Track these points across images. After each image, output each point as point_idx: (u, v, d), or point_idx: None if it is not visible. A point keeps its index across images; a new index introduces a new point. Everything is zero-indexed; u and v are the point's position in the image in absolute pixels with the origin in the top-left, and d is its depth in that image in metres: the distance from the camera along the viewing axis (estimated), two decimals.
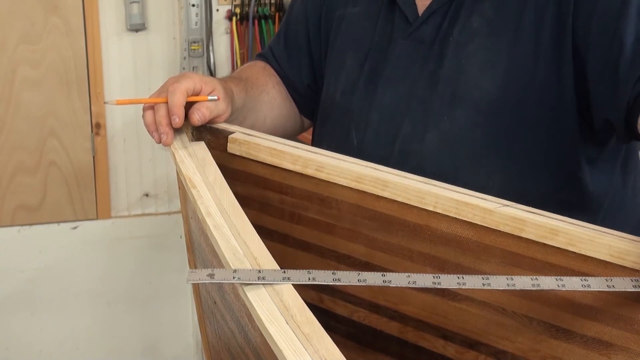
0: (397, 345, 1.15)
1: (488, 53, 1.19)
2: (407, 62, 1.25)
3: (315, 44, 1.42)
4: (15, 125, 2.35)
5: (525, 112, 1.18)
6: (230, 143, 1.22)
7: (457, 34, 1.21)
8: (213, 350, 1.24)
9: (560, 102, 1.17)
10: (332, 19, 1.37)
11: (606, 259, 0.94)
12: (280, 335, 0.77)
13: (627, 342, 0.94)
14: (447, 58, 1.21)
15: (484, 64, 1.19)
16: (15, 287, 2.46)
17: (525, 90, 1.17)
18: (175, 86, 1.17)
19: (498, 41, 1.19)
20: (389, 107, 1.26)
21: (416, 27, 1.25)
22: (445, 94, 1.21)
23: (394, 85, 1.26)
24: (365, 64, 1.30)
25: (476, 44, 1.20)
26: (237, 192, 1.06)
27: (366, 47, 1.30)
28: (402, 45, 1.26)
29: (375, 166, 1.13)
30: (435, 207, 1.06)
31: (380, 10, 1.31)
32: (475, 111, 1.19)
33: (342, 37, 1.35)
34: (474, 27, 1.20)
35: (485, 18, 1.20)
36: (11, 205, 2.41)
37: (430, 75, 1.23)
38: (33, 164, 2.39)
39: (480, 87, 1.19)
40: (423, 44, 1.24)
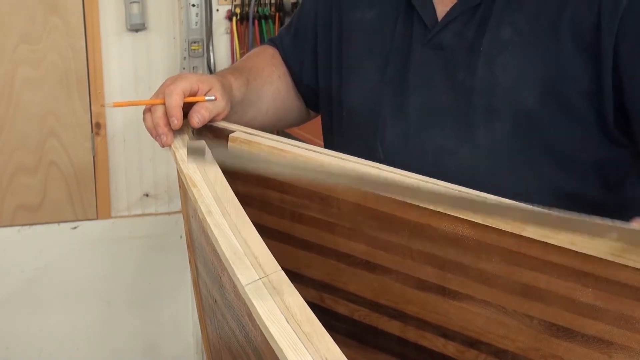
0: (398, 344, 1.15)
1: (522, 64, 1.17)
2: (429, 70, 1.23)
3: (323, 44, 1.40)
4: (15, 125, 2.35)
5: (563, 121, 1.16)
6: (230, 142, 1.22)
7: (487, 44, 1.19)
8: (214, 349, 1.24)
9: (599, 113, 1.15)
10: (346, 22, 1.35)
11: (607, 257, 0.94)
12: (281, 334, 0.77)
13: (628, 341, 0.94)
14: (478, 69, 1.19)
15: (520, 75, 1.17)
16: (15, 287, 2.45)
17: (562, 101, 1.15)
18: (172, 87, 1.17)
19: (533, 52, 1.17)
20: (415, 117, 1.23)
21: (435, 33, 1.23)
22: (480, 105, 1.18)
23: (420, 93, 1.23)
24: (387, 70, 1.27)
25: (509, 55, 1.18)
26: (238, 191, 1.06)
27: (385, 52, 1.28)
28: (422, 52, 1.24)
29: (375, 165, 1.13)
30: (436, 206, 1.06)
31: (398, 15, 1.28)
32: (513, 122, 1.17)
33: (358, 41, 1.33)
34: (504, 38, 1.18)
35: (517, 29, 1.18)
36: (11, 205, 2.41)
37: (459, 86, 1.20)
38: (33, 164, 2.39)
39: (517, 99, 1.16)
40: (443, 51, 1.22)
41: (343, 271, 1.17)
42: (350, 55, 1.34)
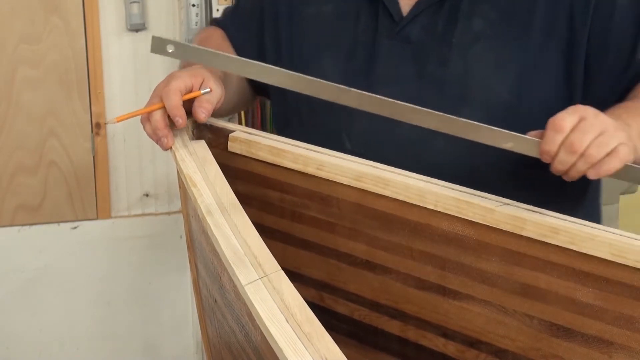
0: (398, 344, 1.14)
1: (496, 55, 1.20)
2: (398, 62, 1.24)
3: (271, 37, 1.37)
4: (15, 125, 2.34)
5: (537, 111, 1.18)
6: (230, 142, 1.22)
7: (459, 36, 1.21)
8: (214, 349, 1.24)
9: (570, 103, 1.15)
10: (297, 16, 1.34)
11: (607, 257, 0.94)
12: (281, 334, 0.77)
13: (628, 341, 0.94)
14: (451, 60, 1.21)
15: (493, 65, 1.20)
16: (15, 287, 2.45)
17: (536, 90, 1.18)
18: (168, 89, 1.16)
19: (505, 44, 1.20)
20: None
21: (402, 26, 1.25)
22: (453, 95, 1.20)
23: (388, 86, 1.24)
24: (350, 64, 1.28)
25: (481, 47, 1.20)
26: (238, 190, 1.06)
27: (347, 46, 1.29)
28: (390, 45, 1.25)
29: (376, 165, 1.13)
30: (436, 206, 1.06)
31: (359, 8, 1.28)
32: (487, 112, 1.18)
33: (314, 34, 1.32)
34: (475, 30, 1.21)
35: (488, 20, 1.21)
36: (11, 205, 2.40)
37: (429, 77, 1.22)
38: (33, 164, 2.38)
39: (491, 89, 1.19)
40: (410, 44, 1.24)
41: (343, 271, 1.17)
42: (306, 48, 1.33)
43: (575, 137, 1.01)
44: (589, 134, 1.00)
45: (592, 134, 1.00)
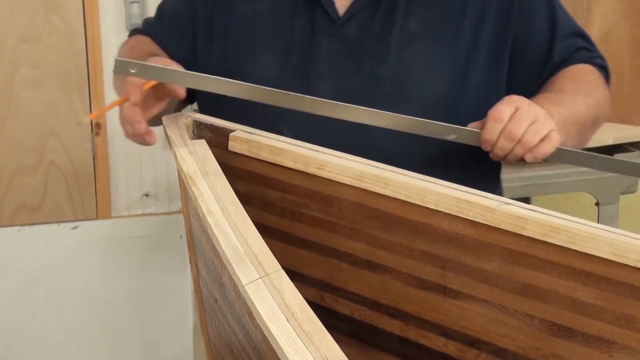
0: (399, 344, 1.14)
1: (431, 54, 1.28)
2: (336, 59, 1.29)
3: (202, 37, 1.39)
4: (15, 125, 2.34)
5: (469, 105, 1.28)
6: (231, 141, 1.22)
7: (397, 35, 1.28)
8: (214, 348, 1.24)
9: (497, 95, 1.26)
10: (232, 14, 1.36)
11: (608, 257, 0.94)
12: (281, 333, 0.77)
13: (629, 341, 0.94)
14: (389, 58, 1.28)
15: (429, 64, 1.28)
16: (15, 287, 2.45)
17: (468, 86, 1.27)
18: (129, 79, 1.17)
19: (440, 43, 1.29)
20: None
21: (340, 25, 1.29)
22: (391, 92, 1.27)
23: (327, 81, 1.29)
24: (288, 61, 1.31)
25: (418, 46, 1.28)
26: (238, 190, 1.06)
27: (286, 43, 1.31)
28: (328, 42, 1.29)
29: (377, 164, 1.13)
30: (437, 205, 1.06)
31: (295, 7, 1.32)
32: (425, 107, 1.25)
33: (250, 33, 1.34)
34: (412, 30, 1.28)
35: (423, 20, 1.29)
36: (11, 205, 2.40)
37: (367, 74, 1.28)
38: (33, 164, 2.38)
39: (428, 86, 1.28)
40: (347, 42, 1.29)
41: (343, 270, 1.17)
42: (242, 45, 1.35)
43: (512, 126, 1.13)
44: (524, 122, 1.13)
45: (527, 122, 1.13)
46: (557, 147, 1.16)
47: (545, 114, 1.15)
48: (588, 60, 1.35)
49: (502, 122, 1.14)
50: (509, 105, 1.15)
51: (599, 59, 1.37)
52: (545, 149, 1.15)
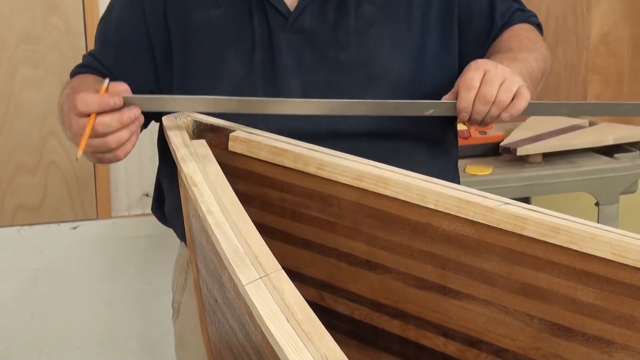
0: (398, 344, 1.14)
1: (390, 37, 1.33)
2: (298, 52, 1.31)
3: (160, 50, 1.37)
4: (15, 125, 2.34)
5: (430, 80, 1.35)
6: (231, 141, 1.22)
7: (354, 22, 1.32)
8: (214, 348, 1.24)
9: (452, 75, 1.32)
10: (188, 24, 1.35)
11: (608, 257, 0.94)
12: (281, 333, 0.77)
13: (629, 340, 0.94)
14: (350, 46, 1.32)
15: (391, 47, 1.33)
16: (15, 287, 2.45)
17: (427, 62, 1.33)
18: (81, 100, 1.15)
19: (396, 26, 1.34)
20: (298, 95, 1.30)
21: (294, 19, 1.31)
22: (358, 78, 1.31)
23: (294, 74, 1.31)
24: (254, 60, 1.31)
25: (377, 30, 1.33)
26: (238, 190, 1.06)
27: (248, 44, 1.32)
28: (286, 37, 1.31)
29: (377, 164, 1.13)
30: (437, 205, 1.06)
31: (249, 7, 1.33)
32: (393, 89, 1.31)
33: (212, 38, 1.34)
34: (368, 15, 1.33)
35: (377, 6, 1.33)
36: (11, 205, 2.40)
37: (332, 62, 1.31)
38: (33, 164, 2.38)
39: (392, 68, 1.33)
40: (305, 34, 1.32)
41: (343, 270, 1.17)
42: (205, 53, 1.34)
43: (485, 89, 1.18)
44: (495, 83, 1.18)
45: (497, 83, 1.18)
46: (529, 101, 1.21)
47: (511, 72, 1.20)
48: (525, 19, 1.43)
49: (474, 88, 1.19)
50: (477, 70, 1.20)
51: (533, 18, 1.45)
52: (519, 105, 1.19)
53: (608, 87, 2.76)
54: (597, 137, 2.31)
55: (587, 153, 2.29)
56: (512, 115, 1.21)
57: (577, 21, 2.69)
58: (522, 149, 2.19)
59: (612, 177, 2.23)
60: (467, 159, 2.24)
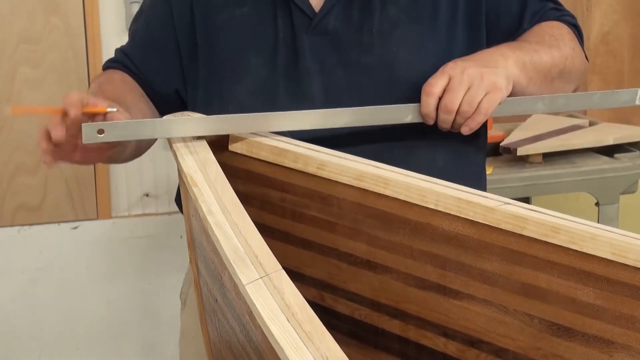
0: (399, 344, 1.15)
1: (415, 39, 1.31)
2: (321, 53, 1.30)
3: (187, 50, 1.38)
4: (15, 125, 2.34)
5: None
6: (231, 141, 1.22)
7: (378, 24, 1.30)
8: (214, 348, 1.24)
9: None
10: (212, 24, 1.35)
11: (608, 257, 0.94)
12: (282, 333, 0.77)
13: (629, 340, 0.94)
14: (374, 47, 1.30)
15: (414, 49, 1.31)
16: (16, 287, 2.45)
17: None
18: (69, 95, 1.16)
19: (421, 27, 1.32)
20: (320, 98, 1.30)
21: (318, 20, 1.31)
22: (381, 80, 1.29)
23: (316, 76, 1.30)
24: (277, 60, 1.31)
25: (401, 32, 1.31)
26: (239, 190, 1.06)
27: (271, 44, 1.32)
28: (310, 39, 1.31)
29: (377, 164, 1.13)
30: (437, 205, 1.06)
31: (274, 7, 1.33)
32: (414, 93, 1.25)
33: (235, 38, 1.34)
34: (392, 17, 1.31)
35: (401, 7, 1.31)
36: (11, 205, 2.40)
37: (357, 64, 1.30)
38: (33, 164, 2.38)
39: (416, 70, 1.28)
40: (329, 35, 1.31)
41: (344, 270, 1.17)
42: (228, 53, 1.34)
43: (447, 99, 1.17)
44: (459, 92, 1.17)
45: (462, 91, 1.17)
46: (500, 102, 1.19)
47: (482, 74, 1.17)
48: (557, 18, 1.38)
49: (433, 95, 1.18)
50: (441, 76, 1.18)
51: (568, 17, 1.40)
52: (477, 119, 1.18)
53: (608, 87, 2.76)
54: (597, 137, 2.31)
55: (587, 153, 2.29)
56: (472, 129, 1.19)
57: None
58: (523, 149, 2.19)
59: (612, 177, 2.23)
60: None
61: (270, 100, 1.30)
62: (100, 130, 1.13)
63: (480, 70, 1.18)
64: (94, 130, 1.13)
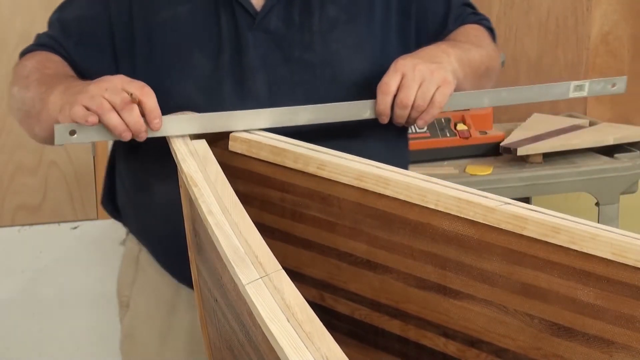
0: (399, 344, 1.15)
1: (353, 37, 1.36)
2: (264, 50, 1.33)
3: (122, 44, 1.36)
4: (16, 125, 2.33)
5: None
6: (231, 141, 1.22)
7: (318, 22, 1.34)
8: (214, 348, 1.24)
9: None
10: (155, 19, 1.35)
11: (608, 257, 0.94)
12: (282, 333, 0.77)
13: (629, 340, 0.94)
14: (315, 46, 1.34)
15: (353, 47, 1.35)
16: (16, 287, 2.45)
17: (386, 62, 1.31)
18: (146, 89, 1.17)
19: (359, 26, 1.36)
20: (264, 94, 1.31)
21: (261, 19, 1.33)
22: (324, 77, 1.33)
23: (260, 72, 1.32)
24: (221, 58, 1.32)
25: (340, 30, 1.35)
26: (239, 190, 1.06)
27: (215, 42, 1.33)
28: (254, 36, 1.33)
29: (377, 164, 1.13)
30: (437, 205, 1.06)
31: (217, 5, 1.34)
32: (355, 89, 1.33)
33: (179, 35, 1.34)
34: (332, 16, 1.35)
35: (340, 7, 1.36)
36: (11, 205, 2.40)
37: (299, 61, 1.34)
38: (33, 164, 2.38)
39: (355, 68, 1.35)
40: (271, 34, 1.33)
41: (344, 270, 1.17)
42: (170, 50, 1.34)
43: (402, 95, 1.24)
44: (412, 88, 1.23)
45: (415, 87, 1.23)
46: (450, 95, 1.26)
47: (432, 69, 1.25)
48: (476, 21, 1.48)
49: (389, 93, 1.24)
50: (394, 74, 1.25)
51: (485, 21, 1.50)
52: (432, 112, 1.25)
53: None
54: (598, 137, 2.31)
55: (587, 153, 2.29)
56: (427, 122, 1.26)
57: (577, 21, 2.69)
58: (523, 149, 2.19)
59: (613, 177, 2.23)
60: (468, 159, 2.24)
61: (215, 96, 1.31)
62: (72, 132, 1.16)
63: (429, 66, 1.25)
64: (67, 131, 1.16)
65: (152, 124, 1.17)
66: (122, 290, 1.53)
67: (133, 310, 1.49)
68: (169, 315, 1.44)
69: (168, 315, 1.44)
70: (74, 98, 1.18)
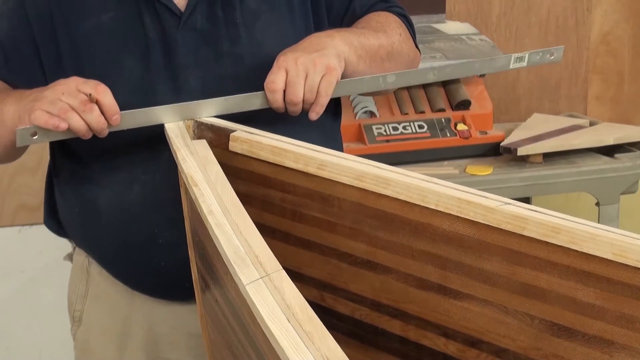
0: (399, 344, 1.15)
1: (276, 26, 1.38)
2: (194, 48, 1.34)
3: (49, 59, 1.36)
4: None
5: None
6: (231, 141, 1.22)
7: (240, 15, 1.36)
8: (214, 348, 1.24)
9: None
10: (78, 30, 1.34)
11: (608, 257, 0.94)
12: (282, 333, 0.77)
13: (629, 341, 0.94)
14: (241, 38, 1.36)
15: (277, 36, 1.38)
16: (16, 287, 2.45)
17: None
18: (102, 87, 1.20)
19: (280, 15, 1.39)
20: (199, 91, 1.32)
21: (186, 18, 1.34)
22: (253, 67, 1.35)
23: (193, 70, 1.34)
24: (150, 60, 1.33)
25: (263, 21, 1.38)
26: (239, 190, 1.06)
27: (143, 45, 1.33)
28: (182, 35, 1.34)
29: (377, 164, 1.13)
30: (437, 206, 1.06)
31: (140, 10, 1.34)
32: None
33: (105, 43, 1.34)
34: (253, 9, 1.37)
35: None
36: (12, 205, 2.40)
37: (228, 55, 1.35)
38: (33, 164, 2.38)
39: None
40: (198, 31, 1.34)
41: (344, 270, 1.17)
42: (99, 60, 1.34)
43: (291, 93, 1.24)
44: (298, 84, 1.24)
45: (301, 83, 1.24)
46: (338, 82, 1.27)
47: (313, 59, 1.25)
48: (385, 9, 1.48)
49: (277, 91, 1.24)
50: (278, 72, 1.25)
51: (397, 8, 1.50)
52: (321, 102, 1.26)
53: (609, 87, 2.76)
54: (598, 137, 2.31)
55: (587, 153, 2.29)
56: (319, 112, 1.27)
57: (577, 21, 2.69)
58: (523, 149, 2.19)
59: (613, 177, 2.23)
60: (468, 159, 2.24)
61: (149, 99, 1.30)
62: (34, 133, 1.19)
63: (311, 57, 1.26)
64: (28, 133, 1.19)
65: (111, 120, 1.20)
66: (73, 304, 1.49)
67: (86, 325, 1.46)
68: (125, 326, 1.42)
69: (123, 326, 1.42)
70: (32, 105, 1.21)
